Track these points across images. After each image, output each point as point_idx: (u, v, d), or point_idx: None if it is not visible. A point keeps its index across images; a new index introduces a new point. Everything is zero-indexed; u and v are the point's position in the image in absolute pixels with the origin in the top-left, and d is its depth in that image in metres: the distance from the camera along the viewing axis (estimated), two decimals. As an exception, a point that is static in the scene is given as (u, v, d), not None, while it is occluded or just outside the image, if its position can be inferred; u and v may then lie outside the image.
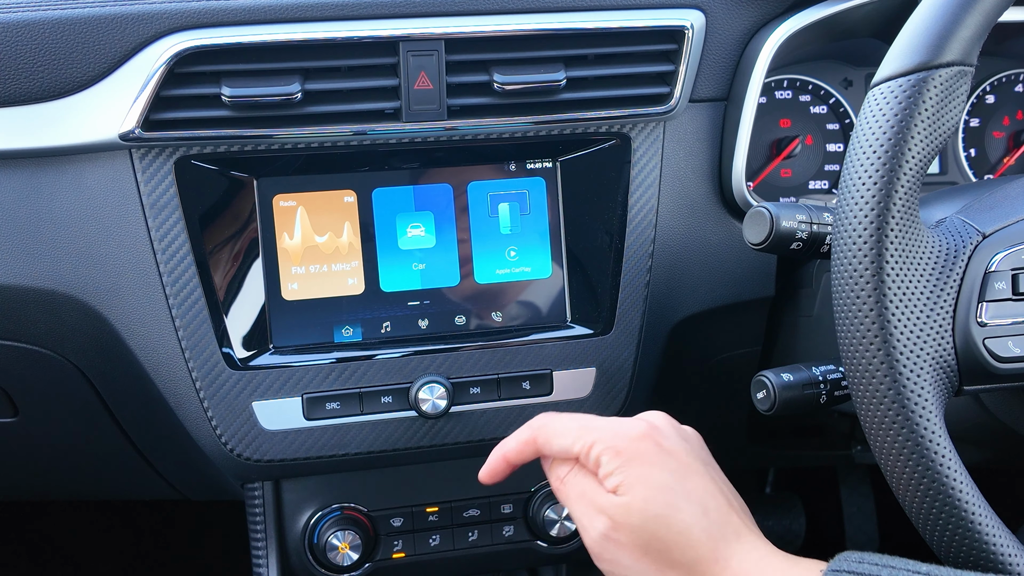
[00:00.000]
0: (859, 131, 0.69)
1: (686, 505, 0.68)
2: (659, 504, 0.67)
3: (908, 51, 0.68)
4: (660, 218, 0.96)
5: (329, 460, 0.91)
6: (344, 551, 0.96)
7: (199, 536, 1.73)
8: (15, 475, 1.14)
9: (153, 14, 0.84)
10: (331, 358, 0.90)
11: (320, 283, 0.91)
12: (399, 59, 0.87)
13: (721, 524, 0.68)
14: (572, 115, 0.92)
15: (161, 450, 1.04)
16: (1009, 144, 1.15)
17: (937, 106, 0.67)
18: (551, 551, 1.02)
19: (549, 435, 0.73)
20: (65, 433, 1.04)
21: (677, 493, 0.68)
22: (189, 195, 0.87)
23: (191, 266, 0.87)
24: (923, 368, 0.68)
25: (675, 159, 0.96)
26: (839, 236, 0.69)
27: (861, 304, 0.68)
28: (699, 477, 0.70)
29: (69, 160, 0.87)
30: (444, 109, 0.89)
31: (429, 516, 0.99)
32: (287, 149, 0.89)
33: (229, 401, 0.89)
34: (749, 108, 0.95)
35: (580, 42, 0.91)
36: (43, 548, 1.69)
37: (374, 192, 0.91)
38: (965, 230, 0.74)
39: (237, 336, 0.89)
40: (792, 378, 0.77)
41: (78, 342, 0.91)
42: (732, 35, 0.96)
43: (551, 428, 0.73)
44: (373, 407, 0.91)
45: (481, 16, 0.89)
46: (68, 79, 0.84)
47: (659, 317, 0.97)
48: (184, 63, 0.84)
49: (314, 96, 0.87)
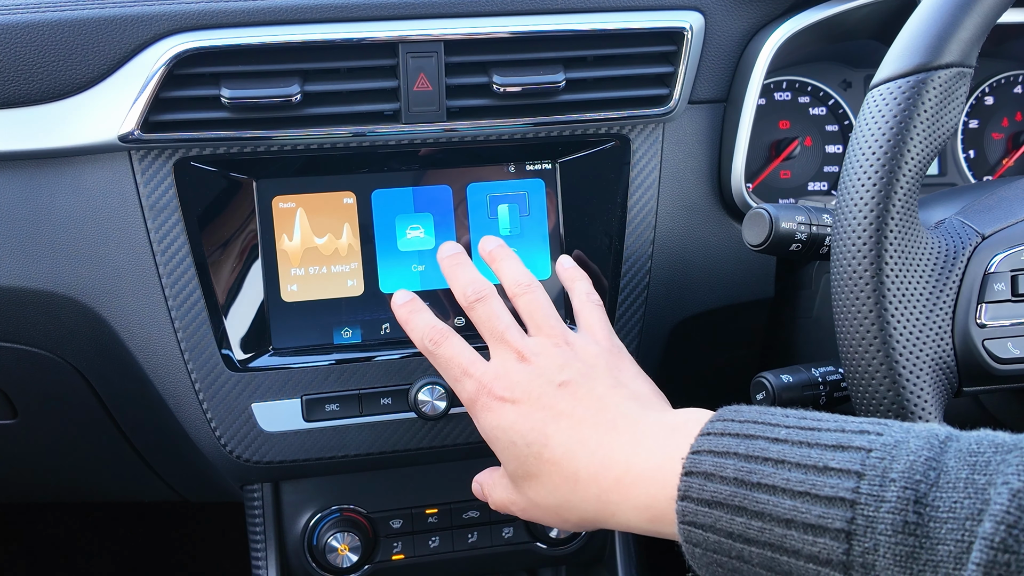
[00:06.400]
0: (858, 132, 0.69)
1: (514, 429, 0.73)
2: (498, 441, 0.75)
3: (907, 53, 0.68)
4: (659, 219, 0.96)
5: (328, 462, 0.91)
6: (343, 553, 0.96)
7: (198, 538, 1.73)
8: (14, 477, 1.14)
9: (152, 16, 0.84)
10: (330, 360, 0.90)
11: (319, 285, 0.91)
12: (398, 61, 0.87)
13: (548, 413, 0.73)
14: (571, 117, 0.92)
15: (160, 452, 1.04)
16: (1008, 145, 1.15)
17: (936, 107, 0.67)
18: (550, 552, 1.02)
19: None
20: (64, 435, 1.03)
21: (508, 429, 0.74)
22: (188, 196, 0.87)
23: (190, 268, 0.87)
24: (922, 369, 0.68)
25: (674, 160, 0.97)
26: (838, 237, 0.69)
27: (860, 305, 0.68)
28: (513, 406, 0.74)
29: (68, 162, 0.87)
30: (443, 111, 0.89)
31: (428, 518, 0.99)
32: (286, 151, 0.89)
33: (228, 403, 0.89)
34: (748, 109, 0.95)
35: (579, 44, 0.91)
36: (42, 550, 1.68)
37: (373, 194, 0.91)
38: (964, 231, 0.74)
39: (236, 338, 0.89)
40: (792, 379, 0.77)
41: (77, 344, 0.91)
42: (731, 37, 0.96)
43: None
44: (372, 409, 0.91)
45: (480, 18, 0.89)
46: (67, 81, 0.84)
47: (658, 318, 0.97)
48: (183, 65, 0.84)
49: (313, 98, 0.87)
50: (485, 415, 0.75)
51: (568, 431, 0.71)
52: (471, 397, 0.76)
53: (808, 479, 0.56)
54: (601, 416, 0.71)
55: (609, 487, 0.67)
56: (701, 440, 0.62)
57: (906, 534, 0.51)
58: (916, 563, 0.51)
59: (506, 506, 0.78)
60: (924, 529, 0.51)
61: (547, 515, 0.74)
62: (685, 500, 0.60)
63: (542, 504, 0.73)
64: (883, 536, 0.52)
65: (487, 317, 0.79)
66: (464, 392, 0.77)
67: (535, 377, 0.75)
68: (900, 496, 0.52)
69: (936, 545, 0.50)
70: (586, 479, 0.68)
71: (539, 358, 0.76)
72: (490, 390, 0.75)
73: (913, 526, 0.51)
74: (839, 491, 0.54)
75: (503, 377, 0.75)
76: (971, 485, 0.51)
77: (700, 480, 0.60)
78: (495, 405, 0.75)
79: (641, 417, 0.70)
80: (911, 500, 0.52)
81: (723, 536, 0.59)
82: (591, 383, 0.74)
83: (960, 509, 0.50)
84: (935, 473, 0.52)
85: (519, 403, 0.74)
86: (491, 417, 0.75)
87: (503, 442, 0.74)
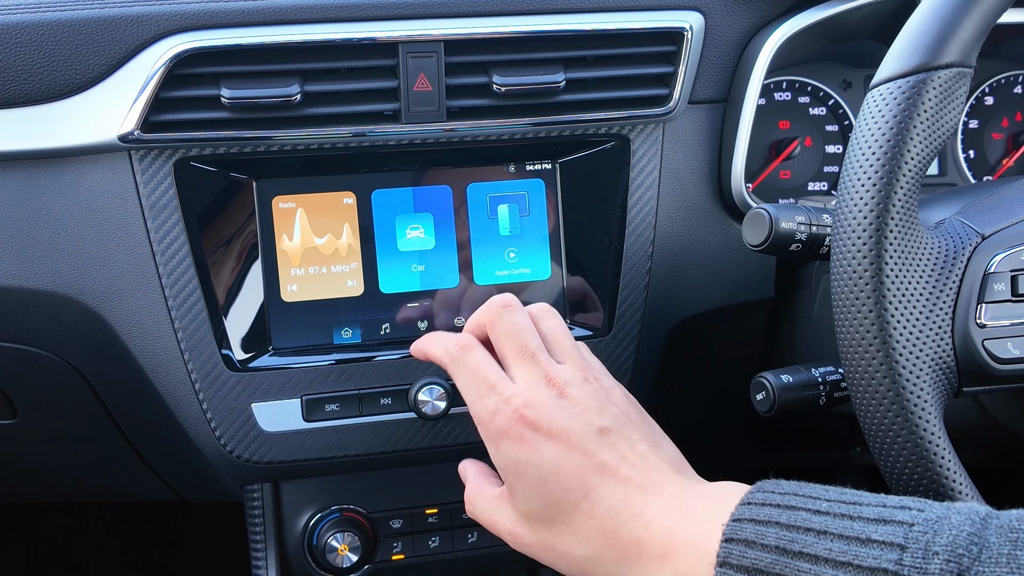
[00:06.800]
0: (858, 132, 0.69)
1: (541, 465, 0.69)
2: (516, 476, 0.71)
3: (907, 53, 0.68)
4: (659, 220, 0.96)
5: (328, 462, 0.91)
6: (343, 553, 0.96)
7: (198, 538, 1.73)
8: (14, 477, 1.14)
9: (152, 16, 0.84)
10: (330, 360, 0.90)
11: (319, 285, 0.91)
12: (398, 61, 0.87)
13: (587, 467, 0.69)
14: (571, 117, 0.92)
15: (160, 452, 1.04)
16: (1008, 145, 1.15)
17: (936, 107, 0.67)
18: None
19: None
20: (64, 435, 1.03)
21: (530, 463, 0.70)
22: (188, 197, 0.87)
23: (190, 268, 0.87)
24: (922, 369, 0.68)
25: (674, 160, 0.97)
26: (838, 237, 0.69)
27: (860, 305, 0.68)
28: (553, 443, 0.70)
29: (68, 162, 0.87)
30: (443, 111, 0.89)
31: (428, 518, 0.99)
32: (286, 151, 0.89)
33: (228, 403, 0.89)
34: (748, 109, 0.95)
35: (579, 44, 0.91)
36: (42, 550, 1.68)
37: (373, 194, 0.91)
38: (964, 231, 0.74)
39: (236, 338, 0.89)
40: (792, 379, 0.77)
41: (77, 344, 0.91)
42: (731, 37, 0.96)
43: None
44: (372, 408, 0.91)
45: (480, 18, 0.89)
46: (67, 81, 0.84)
47: (658, 319, 0.97)
48: (183, 65, 0.84)
49: (313, 98, 0.87)
50: (513, 446, 0.70)
51: (613, 487, 0.67)
52: (492, 416, 0.72)
53: (851, 550, 0.55)
54: (647, 478, 0.68)
55: (650, 552, 0.65)
56: (742, 509, 0.61)
57: None
58: None
59: (501, 533, 0.75)
60: None
61: (562, 562, 0.70)
62: (724, 567, 0.59)
63: (563, 552, 0.69)
64: None
65: (515, 331, 0.75)
66: (485, 410, 0.73)
67: (574, 417, 0.70)
68: (943, 568, 0.52)
69: None
70: (627, 541, 0.66)
71: (574, 391, 0.72)
72: (521, 415, 0.70)
73: None
74: (882, 563, 0.54)
75: (536, 406, 0.70)
76: (1013, 560, 0.51)
77: (741, 547, 0.59)
78: (529, 436, 0.70)
79: (686, 486, 0.67)
80: (954, 573, 0.52)
81: None
82: (630, 435, 0.71)
83: None
84: (977, 548, 0.52)
85: (558, 442, 0.69)
86: (522, 451, 0.70)
87: (532, 480, 0.69)
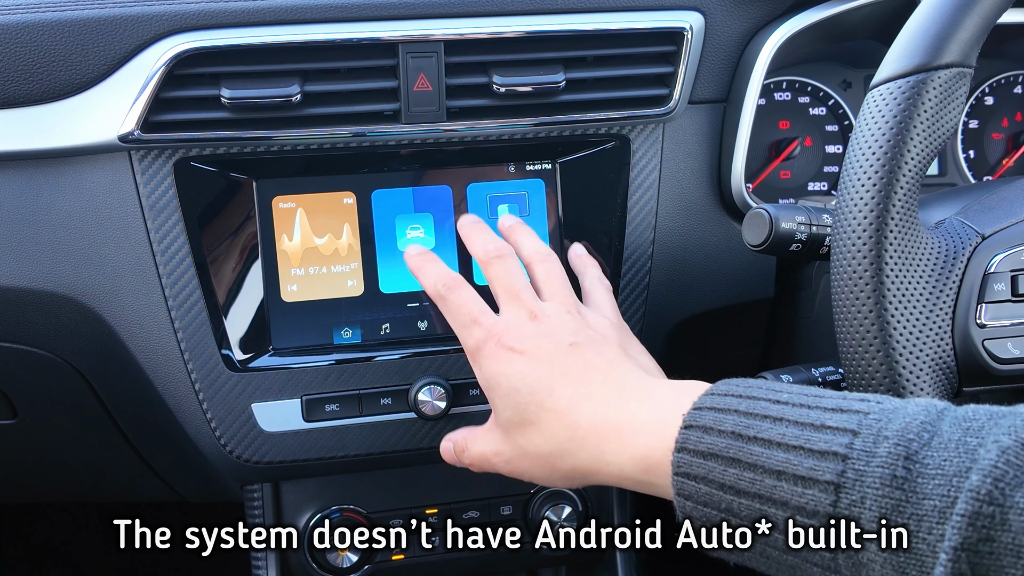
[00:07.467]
0: (858, 132, 0.69)
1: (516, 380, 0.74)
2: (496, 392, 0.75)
3: (907, 53, 0.68)
4: (659, 220, 0.96)
5: (328, 462, 0.91)
6: (343, 553, 0.96)
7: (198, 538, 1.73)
8: (14, 477, 1.14)
9: (152, 16, 0.84)
10: (330, 360, 0.90)
11: (319, 285, 0.91)
12: (398, 61, 0.87)
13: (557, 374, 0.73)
14: (571, 117, 0.92)
15: (160, 452, 1.04)
16: (1008, 145, 1.16)
17: (936, 108, 0.67)
18: (550, 552, 1.02)
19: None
20: (64, 435, 1.03)
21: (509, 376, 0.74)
22: (188, 197, 0.87)
23: (190, 268, 0.87)
24: (922, 369, 0.68)
25: (674, 161, 0.97)
26: (838, 237, 0.69)
27: (860, 305, 0.68)
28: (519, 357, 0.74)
29: (68, 162, 0.87)
30: (443, 111, 0.89)
31: (428, 518, 0.99)
32: (286, 151, 0.89)
33: (228, 403, 0.89)
34: (748, 110, 0.95)
35: (579, 44, 0.91)
36: (42, 550, 1.68)
37: (373, 194, 0.91)
38: (964, 231, 0.74)
39: (236, 338, 0.89)
40: (792, 379, 0.77)
41: (77, 344, 0.91)
42: (731, 37, 0.96)
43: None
44: (372, 409, 0.91)
45: (480, 18, 0.89)
46: (67, 81, 0.84)
47: (658, 319, 0.97)
48: (183, 65, 0.84)
49: (313, 98, 0.87)
50: (489, 362, 0.75)
51: (575, 384, 0.72)
52: (477, 344, 0.77)
53: (804, 434, 0.57)
54: (610, 377, 0.72)
55: (608, 436, 0.68)
56: (704, 398, 0.63)
57: (893, 487, 0.52)
58: (900, 516, 0.51)
59: (488, 458, 0.78)
60: (912, 484, 0.52)
61: (535, 464, 0.74)
62: (682, 452, 0.61)
63: (533, 452, 0.73)
64: (870, 489, 0.53)
65: (504, 274, 0.80)
66: (470, 339, 0.78)
67: (546, 335, 0.75)
68: (891, 452, 0.53)
69: (922, 500, 0.51)
70: (587, 427, 0.69)
71: (551, 319, 0.77)
72: (499, 339, 0.75)
73: (901, 480, 0.52)
74: (833, 446, 0.55)
75: (513, 330, 0.76)
76: (962, 446, 0.52)
77: (698, 433, 0.61)
78: (502, 354, 0.75)
79: (649, 382, 0.71)
80: (902, 456, 0.52)
81: (715, 488, 0.59)
82: (601, 348, 0.75)
83: (948, 466, 0.51)
84: (928, 435, 0.53)
85: (527, 355, 0.74)
86: (496, 365, 0.75)
87: (504, 389, 0.74)
